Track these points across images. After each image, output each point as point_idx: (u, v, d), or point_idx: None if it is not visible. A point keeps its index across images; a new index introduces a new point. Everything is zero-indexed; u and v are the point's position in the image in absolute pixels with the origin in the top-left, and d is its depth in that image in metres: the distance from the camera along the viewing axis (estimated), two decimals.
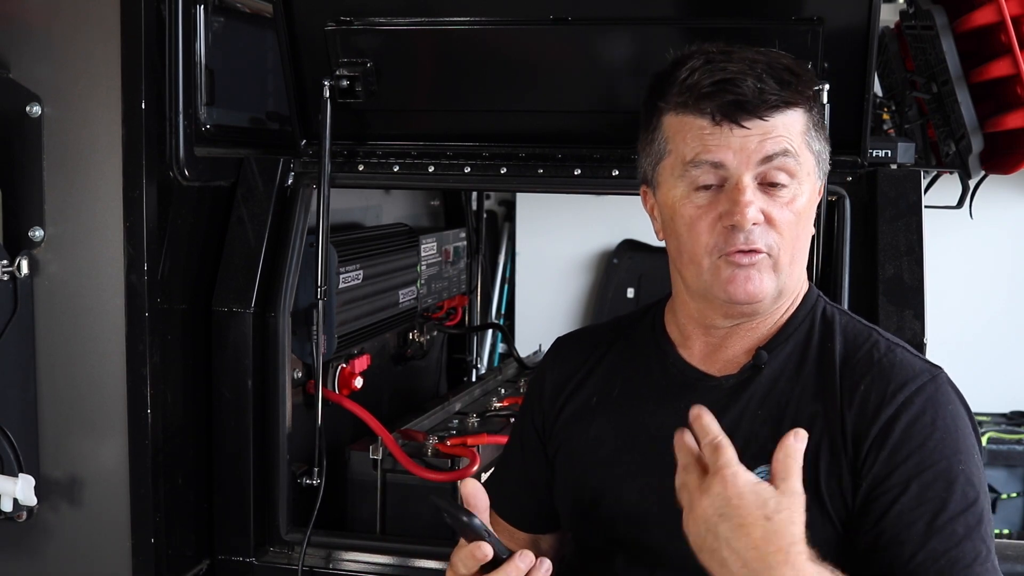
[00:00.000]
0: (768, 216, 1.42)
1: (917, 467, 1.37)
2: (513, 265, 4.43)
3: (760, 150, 1.41)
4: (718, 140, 1.41)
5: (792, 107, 1.43)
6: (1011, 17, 2.19)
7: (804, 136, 1.45)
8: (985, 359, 3.89)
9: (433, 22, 2.11)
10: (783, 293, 1.48)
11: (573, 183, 2.18)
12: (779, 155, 1.41)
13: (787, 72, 1.44)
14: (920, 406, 1.41)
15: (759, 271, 1.43)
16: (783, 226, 1.43)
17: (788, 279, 1.46)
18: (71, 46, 1.98)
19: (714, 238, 1.43)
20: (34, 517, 2.05)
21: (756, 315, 1.50)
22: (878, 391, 1.42)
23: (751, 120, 1.41)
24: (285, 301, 2.18)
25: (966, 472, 1.37)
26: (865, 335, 1.50)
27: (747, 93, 1.40)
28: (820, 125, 1.50)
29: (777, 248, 1.43)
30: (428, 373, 3.17)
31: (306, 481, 2.24)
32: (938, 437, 1.39)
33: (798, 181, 1.44)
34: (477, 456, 2.29)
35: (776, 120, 1.42)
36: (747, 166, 1.41)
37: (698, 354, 1.55)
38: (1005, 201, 3.91)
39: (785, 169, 1.42)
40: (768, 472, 1.41)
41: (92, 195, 1.99)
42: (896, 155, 2.09)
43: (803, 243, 1.47)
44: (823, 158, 1.50)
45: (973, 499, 1.36)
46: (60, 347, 2.03)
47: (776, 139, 1.42)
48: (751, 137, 1.41)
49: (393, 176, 2.26)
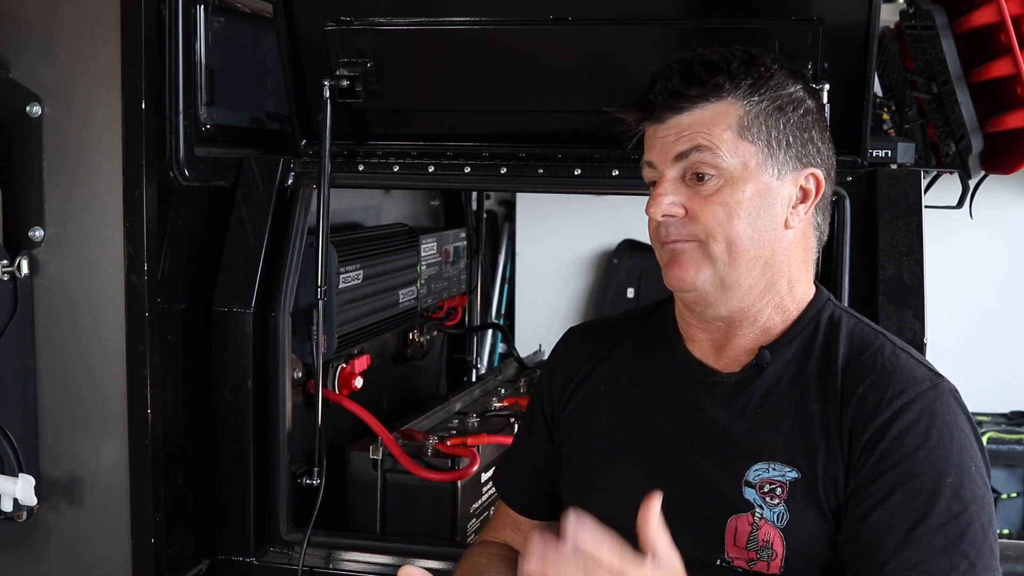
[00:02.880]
0: (688, 208, 1.45)
1: (904, 475, 1.37)
2: (513, 265, 4.42)
3: (675, 146, 1.45)
4: (651, 141, 1.49)
5: (706, 100, 1.44)
6: (1011, 17, 2.19)
7: (735, 128, 1.44)
8: (985, 359, 3.89)
9: (433, 22, 2.11)
10: (729, 285, 1.46)
11: (573, 183, 2.18)
12: (692, 151, 1.44)
13: (702, 67, 1.45)
14: (916, 414, 1.40)
15: (689, 257, 1.45)
16: (705, 218, 1.44)
17: (730, 271, 1.45)
18: (71, 46, 1.98)
19: (654, 231, 1.49)
20: (34, 517, 2.05)
21: (713, 306, 1.48)
22: (876, 395, 1.41)
23: (661, 118, 1.46)
24: (285, 301, 2.18)
25: (954, 484, 1.36)
26: (872, 339, 1.50)
27: (656, 93, 1.46)
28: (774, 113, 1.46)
29: (704, 237, 1.44)
30: (428, 373, 3.17)
31: (306, 481, 2.25)
32: (930, 447, 1.38)
33: (726, 174, 1.43)
34: (477, 456, 2.29)
35: (693, 115, 1.44)
36: (666, 162, 1.46)
37: (703, 350, 1.56)
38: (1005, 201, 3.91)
39: (703, 163, 1.44)
40: (765, 470, 1.42)
41: (92, 195, 1.99)
42: (896, 155, 2.09)
43: (748, 236, 1.44)
44: (785, 147, 1.46)
45: (958, 512, 1.35)
46: (60, 347, 2.03)
47: (689, 135, 1.44)
48: (669, 135, 1.46)
49: (393, 176, 2.26)
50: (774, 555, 1.40)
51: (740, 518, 1.42)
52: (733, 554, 1.43)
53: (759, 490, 1.42)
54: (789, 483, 1.41)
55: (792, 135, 1.47)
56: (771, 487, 1.41)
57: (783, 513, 1.40)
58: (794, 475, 1.41)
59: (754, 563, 1.41)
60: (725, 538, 1.43)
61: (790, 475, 1.41)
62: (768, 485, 1.42)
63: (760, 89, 1.46)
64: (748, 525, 1.42)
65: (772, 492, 1.41)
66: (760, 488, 1.42)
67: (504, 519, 1.74)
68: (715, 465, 1.46)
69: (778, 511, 1.40)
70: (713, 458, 1.47)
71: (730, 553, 1.43)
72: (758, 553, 1.41)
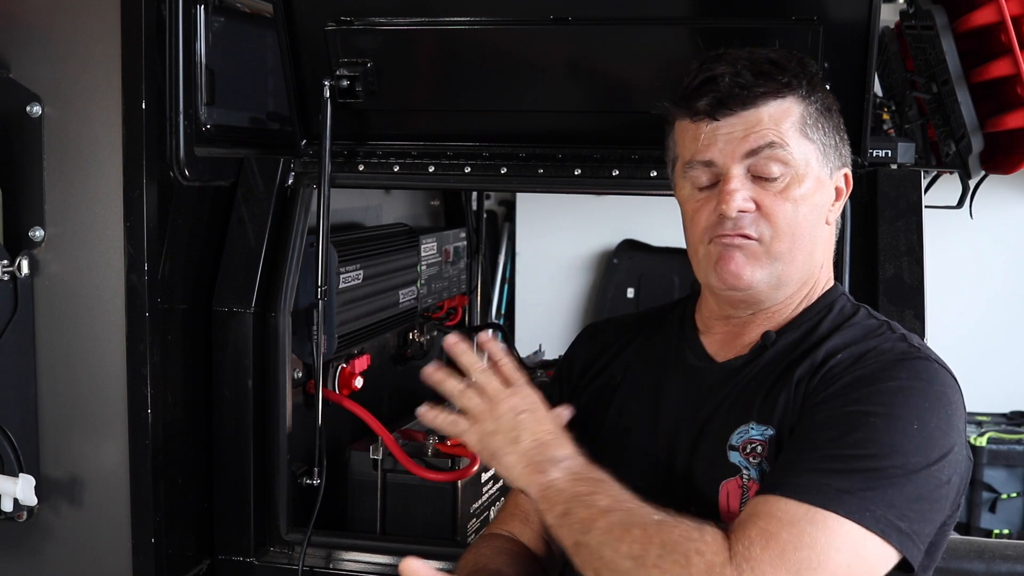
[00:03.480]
0: (759, 204, 1.45)
1: (847, 388, 1.36)
2: (513, 265, 4.43)
3: (745, 143, 1.44)
4: (707, 139, 1.46)
5: (775, 97, 1.45)
6: (1011, 17, 2.19)
7: (798, 126, 1.46)
8: (985, 359, 3.89)
9: (433, 22, 2.11)
10: (783, 282, 1.49)
11: (573, 183, 2.18)
12: (765, 148, 1.44)
13: (768, 64, 1.46)
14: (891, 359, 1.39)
15: (745, 256, 1.45)
16: (777, 215, 1.45)
17: (788, 268, 1.47)
18: (71, 46, 1.98)
19: (709, 224, 1.47)
20: (34, 517, 2.05)
21: (759, 304, 1.51)
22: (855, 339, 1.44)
23: (730, 114, 1.45)
24: (285, 301, 2.18)
25: (893, 428, 1.31)
26: (876, 327, 1.51)
27: (723, 89, 1.44)
28: (824, 115, 1.51)
29: (769, 236, 1.45)
30: None
31: (306, 481, 2.25)
32: (892, 387, 1.35)
33: (793, 170, 1.45)
34: (477, 456, 2.28)
35: (760, 112, 1.45)
36: (733, 159, 1.45)
37: (717, 341, 1.58)
38: (1005, 201, 3.92)
39: (775, 159, 1.44)
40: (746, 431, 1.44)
41: (92, 195, 1.99)
42: (896, 155, 2.09)
43: (807, 232, 1.48)
44: (831, 148, 1.52)
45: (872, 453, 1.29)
46: (60, 347, 2.03)
47: (760, 132, 1.44)
48: (735, 131, 1.45)
49: (393, 176, 2.26)
50: None
51: (730, 482, 1.44)
52: (729, 519, 1.43)
53: (742, 451, 1.44)
54: (767, 440, 1.43)
55: (837, 136, 1.53)
56: (752, 447, 1.44)
57: (766, 470, 1.41)
58: (771, 432, 1.43)
59: None
60: (719, 505, 1.44)
61: (767, 432, 1.44)
62: (749, 446, 1.44)
63: (816, 90, 1.50)
64: (738, 488, 1.44)
65: (753, 452, 1.44)
66: (743, 449, 1.44)
67: (514, 510, 1.74)
68: (709, 436, 1.49)
69: (761, 469, 1.42)
70: (707, 431, 1.49)
71: (727, 519, 1.43)
72: None
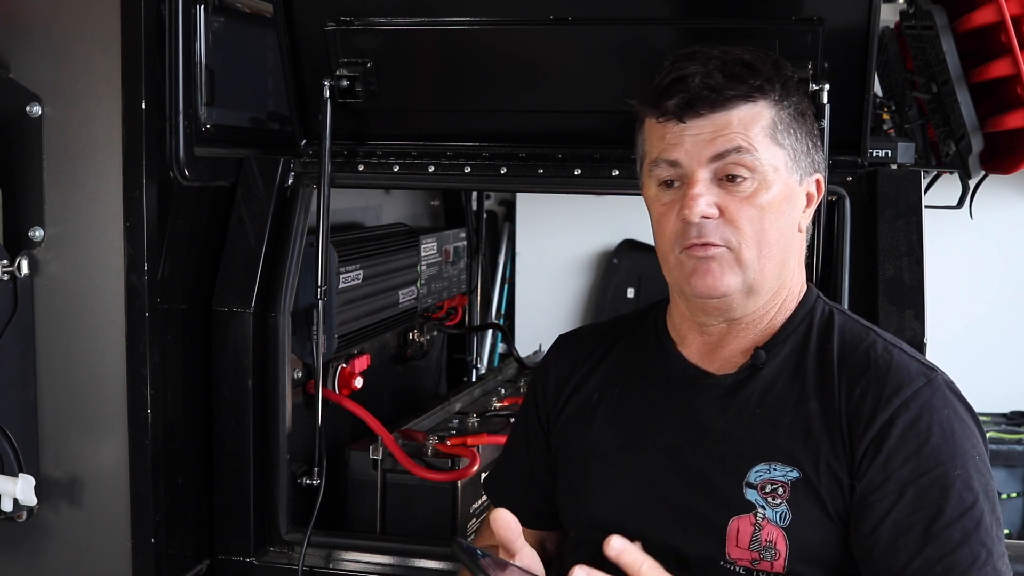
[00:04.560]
0: (724, 210, 1.43)
1: (912, 473, 1.37)
2: (513, 265, 4.43)
3: (712, 147, 1.43)
4: (674, 139, 1.44)
5: (746, 101, 1.43)
6: (1011, 17, 2.19)
7: (768, 130, 1.44)
8: (985, 359, 3.89)
9: (433, 22, 2.11)
10: (755, 290, 1.47)
11: (573, 183, 2.18)
12: (732, 152, 1.42)
13: (740, 66, 1.44)
14: (916, 411, 1.40)
15: (719, 265, 1.44)
16: (742, 221, 1.43)
17: (759, 275, 1.45)
18: (71, 46, 1.97)
19: (675, 233, 1.45)
20: (34, 517, 2.05)
21: (732, 311, 1.49)
22: (874, 394, 1.42)
23: (699, 116, 1.43)
24: (285, 301, 2.18)
25: (963, 476, 1.37)
26: (863, 335, 1.50)
27: (692, 90, 1.42)
28: (797, 119, 1.48)
29: (736, 242, 1.43)
30: (428, 373, 3.17)
31: (306, 481, 2.25)
32: (934, 442, 1.38)
33: (761, 176, 1.43)
34: (477, 456, 2.29)
35: (730, 115, 1.43)
36: (699, 162, 1.43)
37: (696, 352, 1.55)
38: (1005, 201, 3.91)
39: (741, 164, 1.42)
40: (766, 471, 1.41)
41: (92, 195, 1.99)
42: (896, 155, 2.09)
43: (775, 240, 1.45)
44: (803, 153, 1.49)
45: (971, 503, 1.36)
46: (60, 347, 2.03)
47: (728, 136, 1.42)
48: (703, 133, 1.43)
49: (393, 176, 2.26)
50: (777, 555, 1.40)
51: (742, 519, 1.42)
52: (735, 555, 1.42)
53: (761, 491, 1.42)
54: (791, 483, 1.41)
55: (809, 141, 1.50)
56: (773, 487, 1.42)
57: (785, 512, 1.40)
58: (795, 475, 1.41)
59: (757, 563, 1.41)
60: (727, 539, 1.43)
61: (791, 475, 1.41)
62: (770, 485, 1.42)
63: (789, 94, 1.48)
64: (750, 525, 1.42)
65: (774, 492, 1.41)
66: (762, 489, 1.42)
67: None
68: (715, 467, 1.46)
69: (780, 511, 1.40)
70: (713, 460, 1.46)
71: (732, 554, 1.43)
72: (761, 553, 1.41)
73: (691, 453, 1.48)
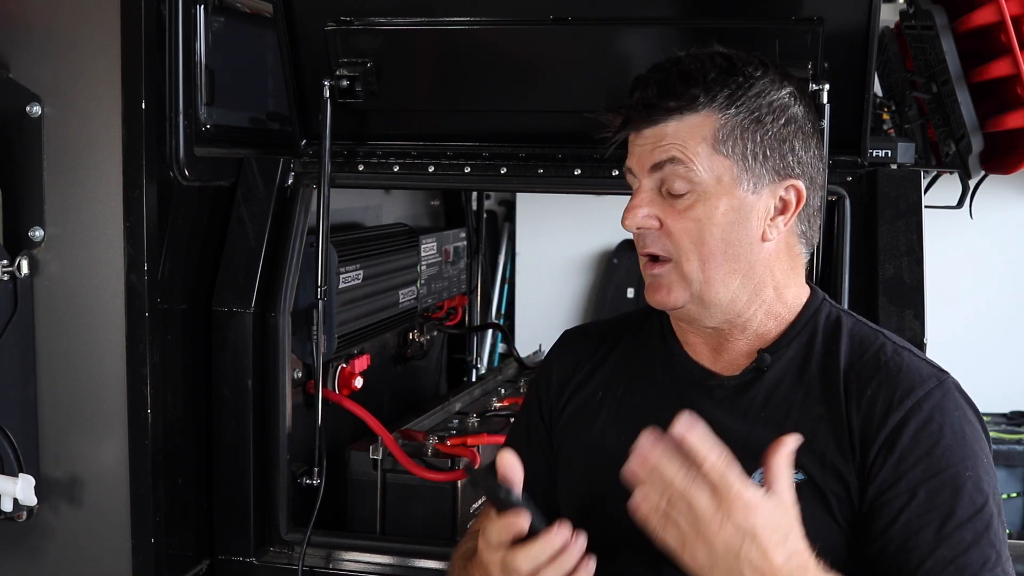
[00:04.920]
0: (663, 222, 1.44)
1: (925, 474, 1.37)
2: (513, 265, 4.43)
3: (651, 157, 1.44)
4: (632, 148, 1.48)
5: (682, 113, 1.42)
6: (1011, 17, 2.19)
7: (710, 140, 1.42)
8: (985, 359, 3.89)
9: (433, 22, 2.11)
10: (708, 302, 1.46)
11: (573, 183, 2.18)
12: (666, 163, 1.43)
13: (679, 78, 1.43)
14: (928, 412, 1.40)
15: (667, 281, 1.46)
16: (678, 234, 1.43)
17: (705, 287, 1.45)
18: (71, 46, 1.98)
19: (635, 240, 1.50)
20: (34, 517, 2.05)
21: (700, 320, 1.49)
22: (886, 396, 1.42)
23: (640, 127, 1.45)
24: (285, 301, 2.18)
25: (974, 478, 1.37)
26: (872, 338, 1.50)
27: (632, 104, 1.45)
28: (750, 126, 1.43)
29: (676, 255, 1.44)
30: (428, 373, 3.17)
31: (306, 481, 2.25)
32: (945, 443, 1.39)
33: (700, 188, 1.42)
34: (477, 456, 2.29)
35: (668, 126, 1.43)
36: (643, 172, 1.45)
37: (700, 352, 1.56)
38: (1005, 201, 3.91)
39: (677, 176, 1.42)
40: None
41: (92, 195, 1.99)
42: (896, 155, 2.09)
43: (718, 251, 1.43)
44: (761, 160, 1.44)
45: (981, 504, 1.36)
46: (60, 347, 2.03)
47: (664, 147, 1.43)
48: (647, 144, 1.45)
49: (393, 176, 2.26)
50: None
51: None
52: None
53: None
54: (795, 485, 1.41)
55: (770, 147, 1.45)
56: None
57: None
58: (800, 477, 1.41)
59: None
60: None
61: (796, 477, 1.41)
62: None
63: (737, 101, 1.43)
64: None
65: None
66: None
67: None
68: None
69: None
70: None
71: None
72: None
73: None
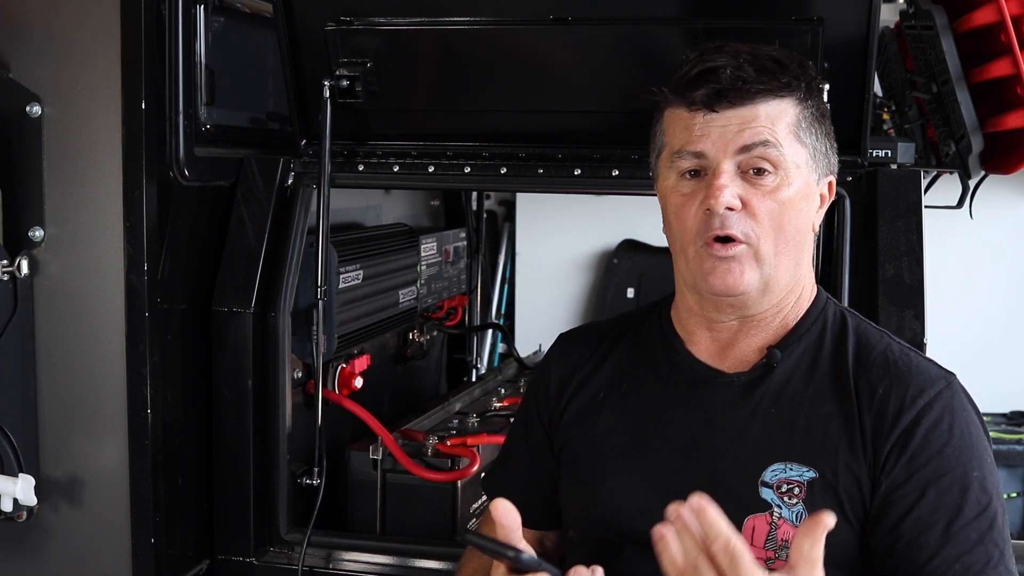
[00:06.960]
0: (746, 203, 1.43)
1: (934, 473, 1.39)
2: (513, 265, 4.43)
3: (739, 138, 1.43)
4: (701, 130, 1.44)
5: (775, 96, 1.44)
6: (1011, 17, 2.19)
7: (793, 128, 1.45)
8: (985, 359, 3.88)
9: (433, 22, 2.11)
10: (770, 287, 1.47)
11: (573, 183, 2.18)
12: (758, 144, 1.42)
13: (771, 61, 1.45)
14: (939, 412, 1.42)
15: (739, 263, 1.43)
16: (763, 214, 1.43)
17: (775, 272, 1.45)
18: (71, 46, 1.98)
19: (696, 224, 1.45)
20: (34, 517, 2.05)
21: (746, 309, 1.49)
22: (897, 395, 1.43)
23: (728, 108, 1.43)
24: (285, 301, 2.18)
25: (980, 478, 1.39)
26: (877, 338, 1.51)
27: (723, 81, 1.42)
28: (818, 120, 1.49)
29: (756, 237, 1.43)
30: (428, 373, 3.17)
31: (306, 481, 2.25)
32: (955, 444, 1.40)
33: (784, 171, 1.44)
34: (477, 456, 2.29)
35: (758, 109, 1.43)
36: (725, 153, 1.43)
37: (706, 350, 1.55)
38: (1005, 201, 3.91)
39: (766, 158, 1.43)
40: (782, 470, 1.41)
41: (92, 195, 1.99)
42: (896, 155, 2.09)
43: (791, 236, 1.46)
44: (822, 154, 1.50)
45: (986, 504, 1.38)
46: (60, 347, 2.03)
47: (756, 128, 1.42)
48: (730, 125, 1.43)
49: (393, 176, 2.26)
50: None
51: (758, 518, 1.42)
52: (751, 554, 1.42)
53: (776, 490, 1.42)
54: (807, 483, 1.41)
55: (827, 143, 1.51)
56: (789, 487, 1.42)
57: (802, 512, 1.40)
58: (812, 475, 1.42)
59: (772, 562, 1.41)
60: (742, 538, 1.43)
61: (808, 475, 1.42)
62: (786, 485, 1.42)
63: (813, 94, 1.49)
64: (767, 524, 1.42)
65: (790, 492, 1.42)
66: (778, 488, 1.42)
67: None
68: (730, 466, 1.46)
69: (797, 510, 1.41)
70: (727, 459, 1.46)
71: None
72: (776, 553, 1.41)
73: (703, 452, 1.48)
